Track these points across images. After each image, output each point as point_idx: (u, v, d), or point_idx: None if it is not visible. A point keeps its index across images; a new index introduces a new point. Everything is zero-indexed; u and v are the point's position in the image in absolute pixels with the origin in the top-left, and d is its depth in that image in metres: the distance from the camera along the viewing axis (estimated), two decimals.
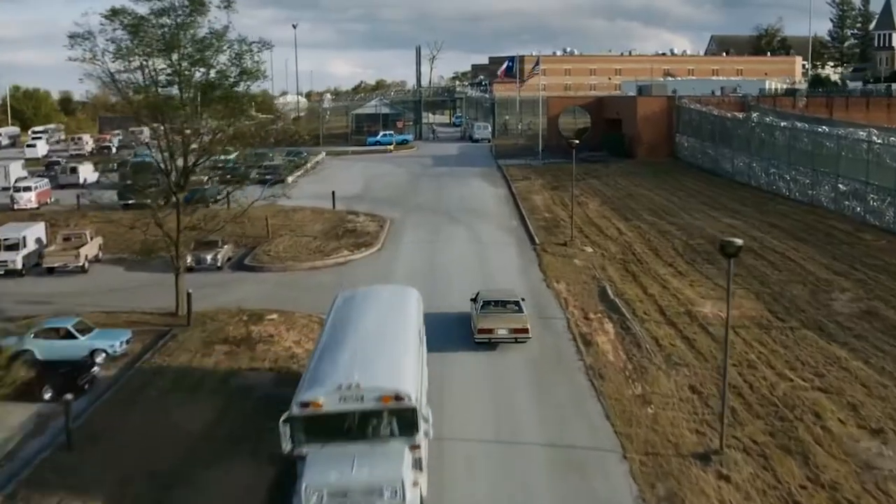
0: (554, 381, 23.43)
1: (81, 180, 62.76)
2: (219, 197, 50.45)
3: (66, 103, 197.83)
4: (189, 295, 29.02)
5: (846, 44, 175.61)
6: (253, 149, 36.20)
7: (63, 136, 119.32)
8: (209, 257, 37.78)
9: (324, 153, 78.55)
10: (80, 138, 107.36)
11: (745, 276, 33.35)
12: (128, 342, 26.77)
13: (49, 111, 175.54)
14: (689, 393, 22.36)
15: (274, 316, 29.50)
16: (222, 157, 67.27)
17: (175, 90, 28.76)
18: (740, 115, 58.51)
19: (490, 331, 25.79)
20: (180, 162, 29.12)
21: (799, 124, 50.82)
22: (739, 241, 17.84)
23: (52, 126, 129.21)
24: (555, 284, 33.07)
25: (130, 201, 40.01)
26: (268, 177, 60.86)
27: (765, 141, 53.78)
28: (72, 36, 28.05)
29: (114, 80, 28.53)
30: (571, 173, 41.31)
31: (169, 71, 28.66)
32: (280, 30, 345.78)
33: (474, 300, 27.68)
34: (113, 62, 27.88)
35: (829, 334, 26.65)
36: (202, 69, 28.65)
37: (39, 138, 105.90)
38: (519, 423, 20.86)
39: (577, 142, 39.74)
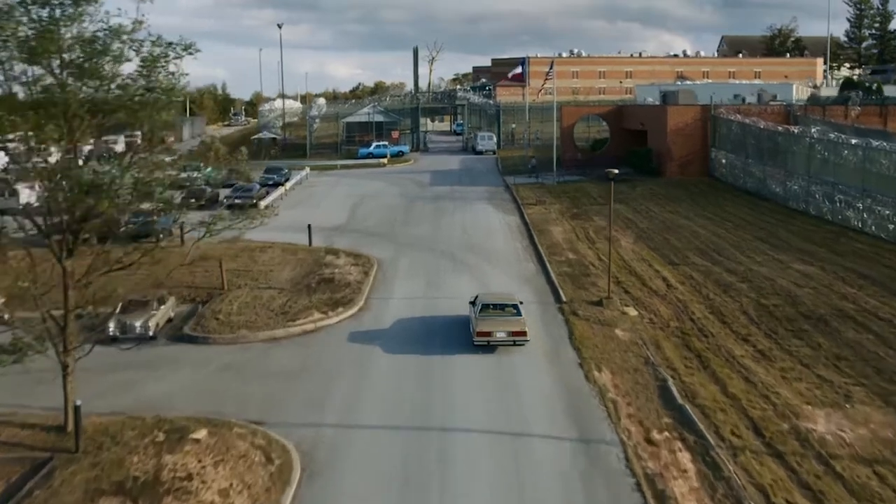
0: None
1: (22, 203, 53.86)
2: (172, 228, 42.06)
3: None
4: (77, 409, 20.13)
5: (864, 44, 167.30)
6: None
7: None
8: (139, 324, 28.92)
9: (307, 169, 69.63)
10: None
11: (853, 361, 24.54)
12: None
13: None
14: None
15: (202, 434, 20.57)
16: (190, 174, 57.68)
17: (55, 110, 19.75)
18: (794, 129, 49.53)
19: (489, 333, 25.73)
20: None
21: (875, 142, 41.87)
22: None
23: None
24: (595, 374, 24.20)
25: None
26: (237, 201, 52.71)
27: (828, 161, 44.91)
28: None
29: None
30: (609, 212, 32.36)
31: (48, 82, 19.79)
32: (280, 31, 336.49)
33: (473, 303, 27.72)
34: None
35: None
36: (94, 82, 19.72)
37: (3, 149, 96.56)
38: None
39: (616, 171, 30.82)
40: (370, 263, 37.60)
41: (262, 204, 51.13)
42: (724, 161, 58.32)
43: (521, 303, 27.71)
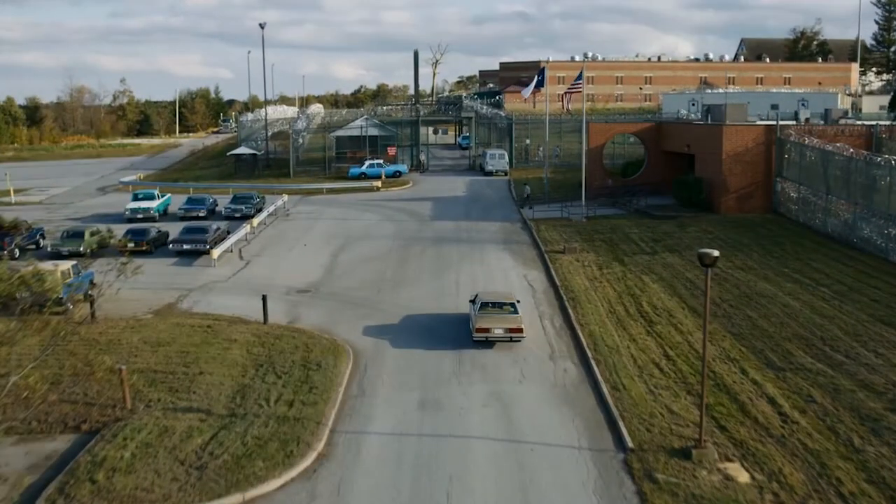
0: None
1: None
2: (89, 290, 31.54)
3: (33, 112, 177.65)
4: None
5: (893, 48, 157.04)
6: None
7: None
8: None
9: (285, 197, 58.73)
10: None
11: None
12: None
13: (3, 121, 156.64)
14: None
15: None
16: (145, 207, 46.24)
17: None
18: None
19: (487, 330, 26.89)
20: None
21: None
22: None
23: None
24: None
25: None
26: (186, 246, 42.14)
27: None
28: None
29: None
30: (703, 334, 21.16)
31: None
32: (282, 32, 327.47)
33: (473, 301, 28.84)
34: None
35: None
36: None
37: None
38: None
39: (715, 254, 19.86)
40: (343, 358, 26.79)
41: (217, 252, 40.41)
42: (793, 196, 47.30)
43: (519, 301, 28.79)
